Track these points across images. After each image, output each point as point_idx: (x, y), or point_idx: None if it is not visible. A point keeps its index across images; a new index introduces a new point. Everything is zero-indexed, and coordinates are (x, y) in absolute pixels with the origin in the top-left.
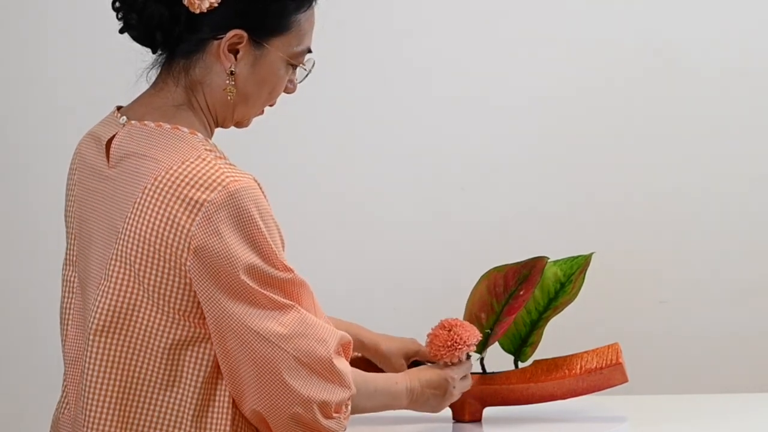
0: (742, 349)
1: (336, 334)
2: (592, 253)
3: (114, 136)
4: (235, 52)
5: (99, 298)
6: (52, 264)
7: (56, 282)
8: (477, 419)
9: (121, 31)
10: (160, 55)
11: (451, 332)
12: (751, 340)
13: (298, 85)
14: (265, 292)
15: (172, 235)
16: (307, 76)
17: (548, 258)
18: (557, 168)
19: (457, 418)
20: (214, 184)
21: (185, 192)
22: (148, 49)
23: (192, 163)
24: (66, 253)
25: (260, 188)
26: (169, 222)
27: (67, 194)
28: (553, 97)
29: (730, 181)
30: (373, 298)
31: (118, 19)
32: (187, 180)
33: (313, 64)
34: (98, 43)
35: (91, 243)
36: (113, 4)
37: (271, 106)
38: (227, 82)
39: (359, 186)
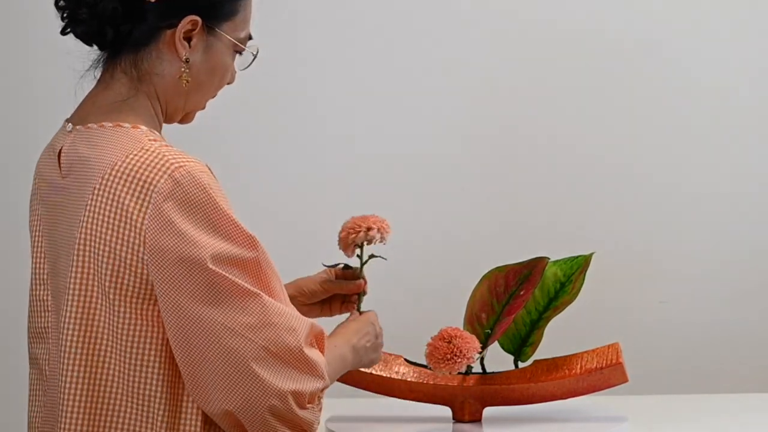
0: (742, 349)
1: (306, 323)
2: (592, 253)
3: (62, 148)
4: (189, 40)
5: (66, 314)
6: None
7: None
8: (477, 419)
9: (64, 31)
10: (104, 51)
11: (451, 344)
12: (751, 340)
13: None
14: (230, 277)
15: (126, 229)
16: (252, 62)
17: (549, 258)
18: (557, 168)
19: (457, 418)
20: (159, 173)
21: (132, 185)
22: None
23: (136, 155)
24: (33, 272)
25: (210, 172)
26: (122, 216)
27: (30, 213)
28: (553, 96)
29: (731, 180)
30: (372, 298)
31: (63, 18)
32: (132, 173)
33: (257, 50)
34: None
35: (58, 258)
36: (56, 3)
37: (212, 98)
38: (182, 69)
39: (359, 186)
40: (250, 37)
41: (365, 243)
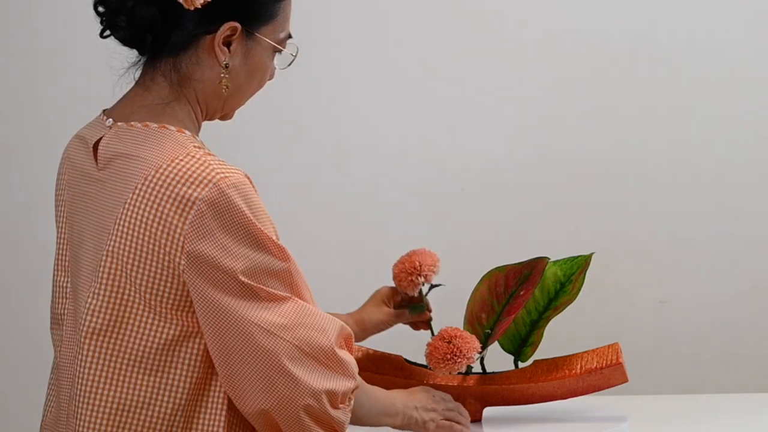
0: (742, 349)
1: (336, 325)
2: (592, 253)
3: (101, 138)
4: (228, 45)
5: (90, 300)
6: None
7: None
8: (477, 419)
9: (103, 35)
10: (144, 54)
11: (451, 344)
12: (751, 340)
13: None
14: (263, 287)
15: (164, 235)
16: (292, 62)
17: (549, 258)
18: (557, 168)
19: None
20: (205, 181)
21: (176, 190)
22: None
23: (182, 160)
24: (56, 259)
25: (251, 182)
26: (161, 221)
27: (56, 198)
28: (553, 96)
29: (731, 180)
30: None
31: (101, 24)
32: (177, 178)
33: (297, 49)
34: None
35: (81, 246)
36: (95, 8)
37: (251, 96)
38: (222, 75)
39: (359, 186)
40: (289, 36)
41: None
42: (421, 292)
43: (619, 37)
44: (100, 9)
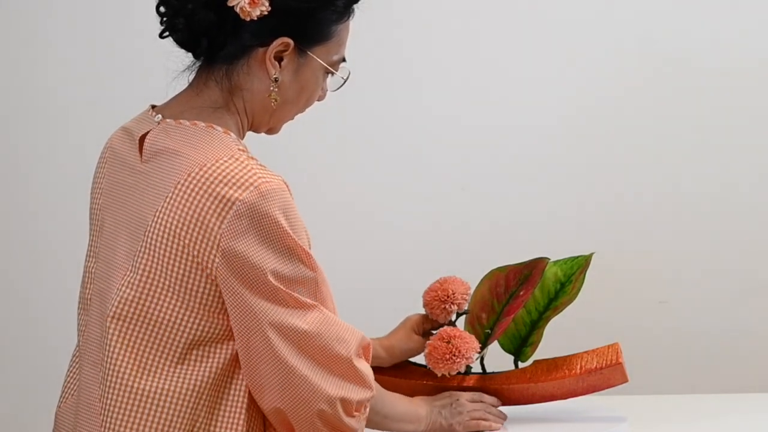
0: (742, 349)
1: (357, 336)
2: (592, 253)
3: (148, 132)
4: (280, 60)
5: (123, 288)
6: (51, 264)
7: (57, 282)
8: None
9: (162, 35)
10: (199, 58)
11: (450, 344)
12: (751, 340)
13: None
14: (291, 292)
15: (201, 232)
16: (343, 84)
17: (549, 259)
18: (557, 168)
19: None
20: (246, 184)
21: (217, 189)
22: (186, 53)
23: (226, 161)
24: (89, 245)
25: (288, 189)
26: (200, 218)
27: (93, 186)
28: (553, 97)
29: (731, 181)
30: (373, 299)
31: (162, 24)
32: (219, 178)
33: (349, 73)
34: (100, 44)
35: (117, 235)
36: (158, 8)
37: (300, 113)
38: (271, 88)
39: (359, 186)
40: (343, 60)
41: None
42: (451, 319)
43: (623, 37)
44: (162, 9)
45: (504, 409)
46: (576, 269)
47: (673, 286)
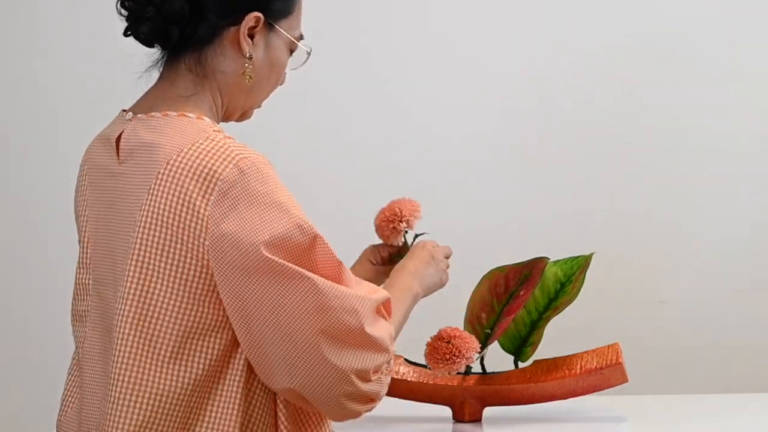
0: (742, 349)
1: (368, 303)
2: (592, 253)
3: (122, 132)
4: (252, 37)
5: (125, 292)
6: (52, 266)
7: (55, 284)
8: (477, 419)
9: (127, 32)
10: (164, 50)
11: (450, 344)
12: (751, 340)
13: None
14: (287, 263)
15: (189, 216)
16: (305, 62)
17: (549, 258)
18: (557, 168)
19: (457, 418)
20: (226, 162)
21: (198, 170)
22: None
23: (203, 143)
24: (79, 258)
25: (270, 164)
26: (185, 202)
27: (76, 201)
28: (553, 97)
29: (730, 180)
30: None
31: (128, 17)
32: (199, 159)
33: (311, 49)
34: (96, 46)
35: (112, 241)
36: (122, 3)
37: (266, 98)
38: (246, 66)
39: (358, 186)
40: (301, 36)
41: (408, 230)
42: (405, 241)
43: (623, 33)
44: (127, 3)
45: (504, 409)
46: (576, 269)
47: (673, 286)
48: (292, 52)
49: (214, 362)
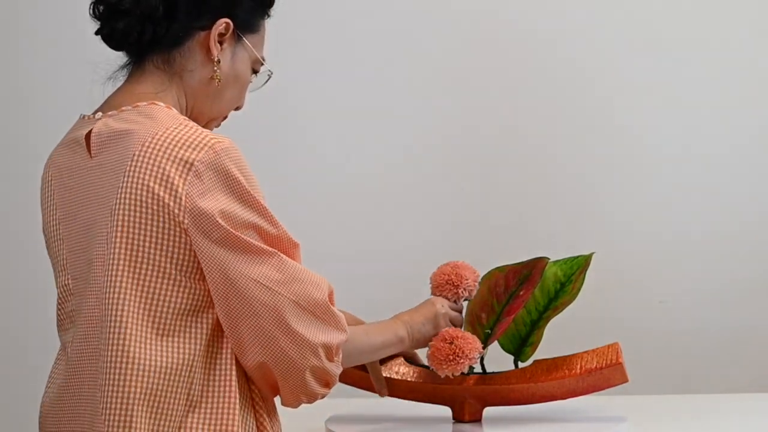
0: (742, 349)
1: (325, 281)
2: (592, 253)
3: (91, 130)
4: (221, 43)
5: (111, 276)
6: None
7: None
8: (477, 419)
9: (99, 31)
10: (132, 55)
11: (453, 345)
12: (751, 340)
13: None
14: (259, 244)
15: (167, 194)
16: (264, 84)
17: (549, 258)
18: (557, 168)
19: (457, 418)
20: (201, 145)
21: (174, 152)
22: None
23: (176, 128)
24: (55, 264)
25: (239, 150)
26: (163, 182)
27: (43, 207)
28: (552, 96)
29: (730, 180)
30: (373, 299)
31: (103, 12)
32: (174, 142)
33: (270, 75)
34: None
35: (90, 234)
36: (96, 5)
37: (227, 112)
38: (215, 70)
39: (358, 186)
40: (263, 60)
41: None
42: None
43: (618, 33)
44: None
45: (504, 409)
46: (576, 269)
47: (673, 286)
48: (255, 72)
49: (206, 342)
